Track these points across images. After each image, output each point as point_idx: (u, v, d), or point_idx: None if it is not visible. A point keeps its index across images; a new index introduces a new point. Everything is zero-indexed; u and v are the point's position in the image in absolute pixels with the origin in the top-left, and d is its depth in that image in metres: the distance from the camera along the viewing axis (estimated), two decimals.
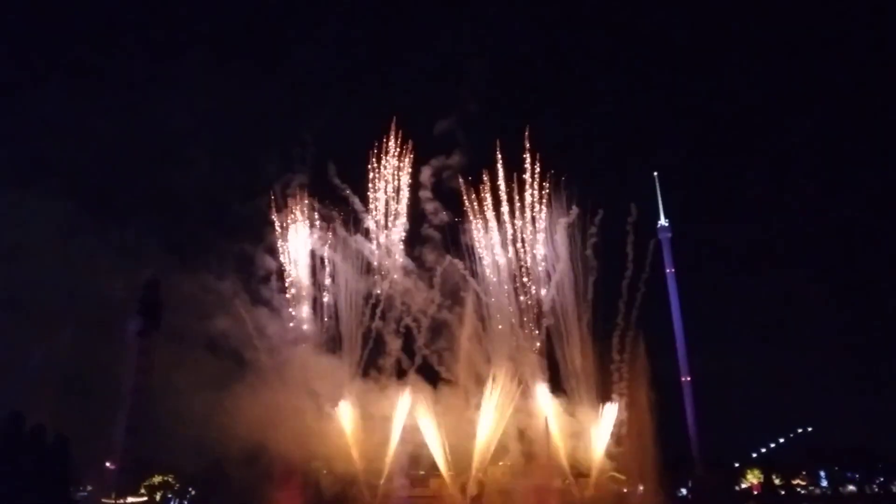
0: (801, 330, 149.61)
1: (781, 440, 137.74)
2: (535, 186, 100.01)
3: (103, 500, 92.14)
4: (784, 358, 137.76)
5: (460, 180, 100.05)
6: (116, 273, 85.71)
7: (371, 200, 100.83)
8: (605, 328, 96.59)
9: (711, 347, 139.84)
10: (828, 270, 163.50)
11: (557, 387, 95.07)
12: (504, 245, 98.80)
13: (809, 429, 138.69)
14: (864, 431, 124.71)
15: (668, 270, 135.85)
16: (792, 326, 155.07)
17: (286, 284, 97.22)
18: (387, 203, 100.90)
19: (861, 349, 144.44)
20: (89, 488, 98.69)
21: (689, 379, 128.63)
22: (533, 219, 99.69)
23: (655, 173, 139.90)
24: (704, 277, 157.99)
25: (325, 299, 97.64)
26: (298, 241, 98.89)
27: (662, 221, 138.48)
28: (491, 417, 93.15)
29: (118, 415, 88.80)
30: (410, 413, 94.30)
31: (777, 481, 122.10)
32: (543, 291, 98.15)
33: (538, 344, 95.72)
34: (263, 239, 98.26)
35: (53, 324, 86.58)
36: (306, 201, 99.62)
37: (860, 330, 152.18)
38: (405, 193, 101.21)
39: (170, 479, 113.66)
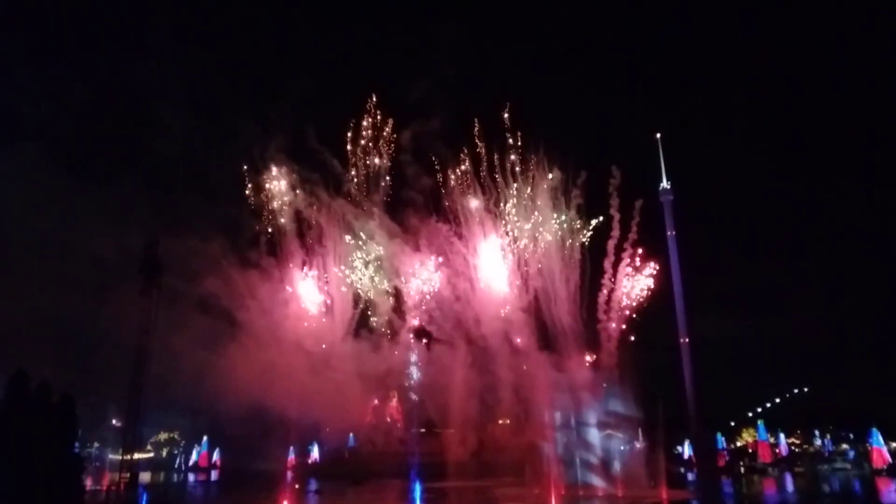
0: (798, 292, 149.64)
1: (778, 400, 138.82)
2: (518, 148, 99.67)
3: (110, 457, 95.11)
4: (781, 319, 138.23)
5: (439, 144, 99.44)
6: (105, 234, 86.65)
7: (351, 164, 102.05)
8: (593, 289, 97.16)
9: (709, 309, 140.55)
10: (826, 235, 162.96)
11: (548, 345, 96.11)
12: (488, 208, 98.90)
13: (805, 389, 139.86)
14: (859, 391, 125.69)
15: (669, 233, 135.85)
16: (789, 288, 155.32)
17: (274, 246, 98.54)
18: (367, 167, 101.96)
19: (856, 311, 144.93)
20: (96, 445, 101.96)
21: (687, 340, 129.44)
22: (514, 179, 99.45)
23: (658, 134, 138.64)
24: (704, 240, 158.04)
25: (313, 261, 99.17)
26: (282, 203, 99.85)
27: (664, 184, 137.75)
28: (483, 375, 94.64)
29: (121, 374, 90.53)
30: (405, 372, 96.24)
31: (772, 440, 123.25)
32: (528, 253, 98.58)
33: (527, 303, 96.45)
34: (247, 201, 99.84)
35: (49, 283, 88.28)
36: (284, 165, 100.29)
37: (856, 292, 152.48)
38: (385, 157, 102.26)
39: (175, 437, 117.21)
